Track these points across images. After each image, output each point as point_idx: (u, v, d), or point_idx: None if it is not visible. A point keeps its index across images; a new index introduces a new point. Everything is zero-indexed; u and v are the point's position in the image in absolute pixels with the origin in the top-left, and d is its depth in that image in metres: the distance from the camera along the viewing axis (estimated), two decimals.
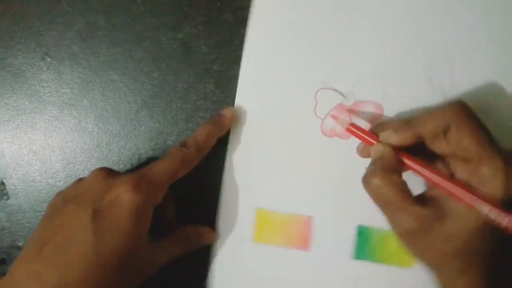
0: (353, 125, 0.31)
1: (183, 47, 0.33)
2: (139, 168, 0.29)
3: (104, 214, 0.27)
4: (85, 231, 0.26)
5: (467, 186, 0.26)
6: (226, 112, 0.33)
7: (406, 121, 0.28)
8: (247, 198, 0.33)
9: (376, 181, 0.27)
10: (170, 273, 0.31)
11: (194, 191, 0.33)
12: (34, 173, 0.35)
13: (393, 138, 0.28)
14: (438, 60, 0.32)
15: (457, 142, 0.26)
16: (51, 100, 0.34)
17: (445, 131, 0.26)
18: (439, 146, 0.27)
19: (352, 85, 0.33)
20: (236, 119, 0.33)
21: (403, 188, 0.27)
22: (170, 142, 0.34)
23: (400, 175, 0.28)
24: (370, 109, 0.33)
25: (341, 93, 0.33)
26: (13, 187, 0.35)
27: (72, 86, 0.34)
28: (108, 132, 0.34)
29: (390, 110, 0.32)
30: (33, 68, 0.34)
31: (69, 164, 0.34)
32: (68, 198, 0.29)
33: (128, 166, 0.34)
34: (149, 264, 0.29)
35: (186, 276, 0.33)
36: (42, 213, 0.35)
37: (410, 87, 0.32)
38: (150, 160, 0.34)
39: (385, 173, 0.27)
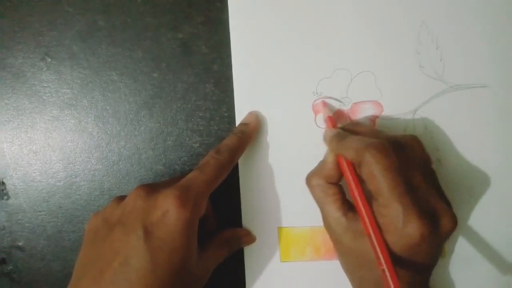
0: (330, 117, 0.31)
1: (183, 47, 0.33)
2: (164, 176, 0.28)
3: (155, 233, 0.26)
4: (140, 254, 0.25)
5: (374, 220, 0.26)
6: (250, 118, 0.33)
7: (344, 135, 0.29)
8: (267, 219, 0.33)
9: (311, 181, 0.30)
10: None
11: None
12: (34, 173, 0.35)
13: (328, 143, 0.30)
14: (426, 46, 0.32)
15: (367, 178, 0.26)
16: (51, 100, 0.34)
17: (360, 164, 0.26)
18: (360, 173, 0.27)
19: (345, 89, 0.33)
20: (260, 123, 0.33)
21: (330, 193, 0.29)
22: (170, 142, 0.34)
23: (333, 181, 0.29)
24: (369, 108, 0.33)
25: (336, 99, 0.33)
26: (13, 187, 0.35)
27: (72, 86, 0.34)
28: (108, 132, 0.34)
29: (389, 105, 0.33)
30: (33, 68, 0.34)
31: (69, 164, 0.34)
32: (112, 220, 0.28)
33: (127, 166, 0.34)
34: (202, 275, 0.29)
35: None
36: (43, 212, 0.35)
37: (405, 79, 0.32)
38: (150, 160, 0.34)
39: (317, 176, 0.29)
